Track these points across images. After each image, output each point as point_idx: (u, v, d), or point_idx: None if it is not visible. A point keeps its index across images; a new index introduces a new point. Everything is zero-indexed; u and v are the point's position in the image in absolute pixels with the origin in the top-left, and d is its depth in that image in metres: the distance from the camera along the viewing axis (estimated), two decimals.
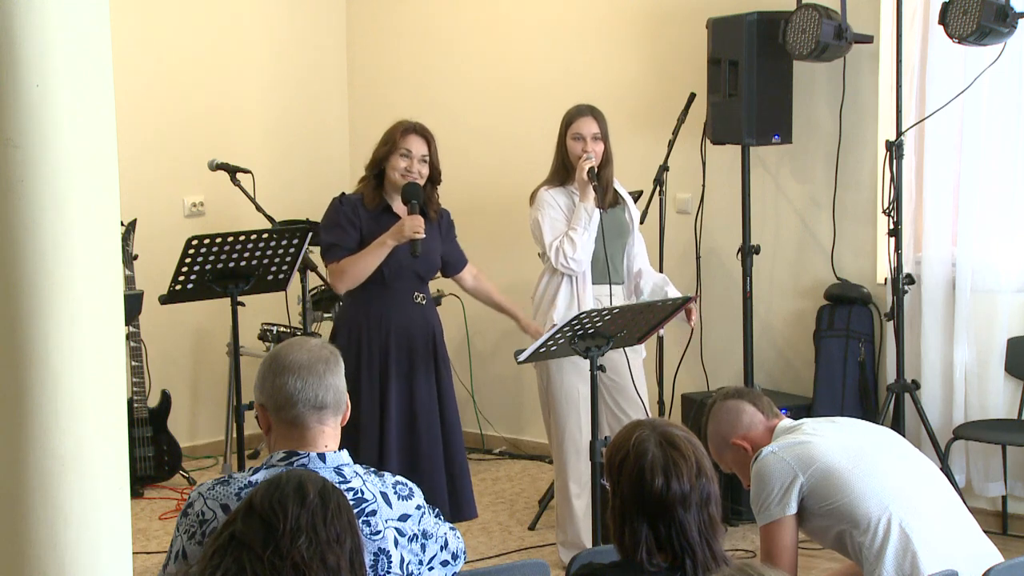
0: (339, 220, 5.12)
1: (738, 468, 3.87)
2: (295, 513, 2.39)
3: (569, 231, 5.32)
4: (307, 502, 2.41)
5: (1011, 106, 5.74)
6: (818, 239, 6.32)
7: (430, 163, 5.13)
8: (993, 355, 5.82)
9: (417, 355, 5.12)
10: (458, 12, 7.52)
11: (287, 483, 2.44)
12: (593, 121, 5.38)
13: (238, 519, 2.41)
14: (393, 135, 5.12)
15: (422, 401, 5.11)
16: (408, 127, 5.13)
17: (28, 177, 2.73)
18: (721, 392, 3.96)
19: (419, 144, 5.11)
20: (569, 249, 5.30)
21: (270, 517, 2.39)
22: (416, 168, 5.09)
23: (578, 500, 5.40)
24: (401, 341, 5.10)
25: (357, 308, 5.15)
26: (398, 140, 5.10)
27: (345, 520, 2.45)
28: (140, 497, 6.42)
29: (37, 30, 2.72)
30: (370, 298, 5.11)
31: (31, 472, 2.78)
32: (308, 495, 2.42)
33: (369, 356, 5.08)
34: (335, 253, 5.09)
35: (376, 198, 5.13)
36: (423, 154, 5.10)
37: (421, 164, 5.10)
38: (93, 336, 2.84)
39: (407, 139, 5.10)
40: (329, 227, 5.15)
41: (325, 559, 2.39)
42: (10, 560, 2.80)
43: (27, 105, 2.73)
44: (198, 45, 7.29)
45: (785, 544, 3.66)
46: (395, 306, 5.11)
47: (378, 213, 5.11)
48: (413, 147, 5.10)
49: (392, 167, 5.10)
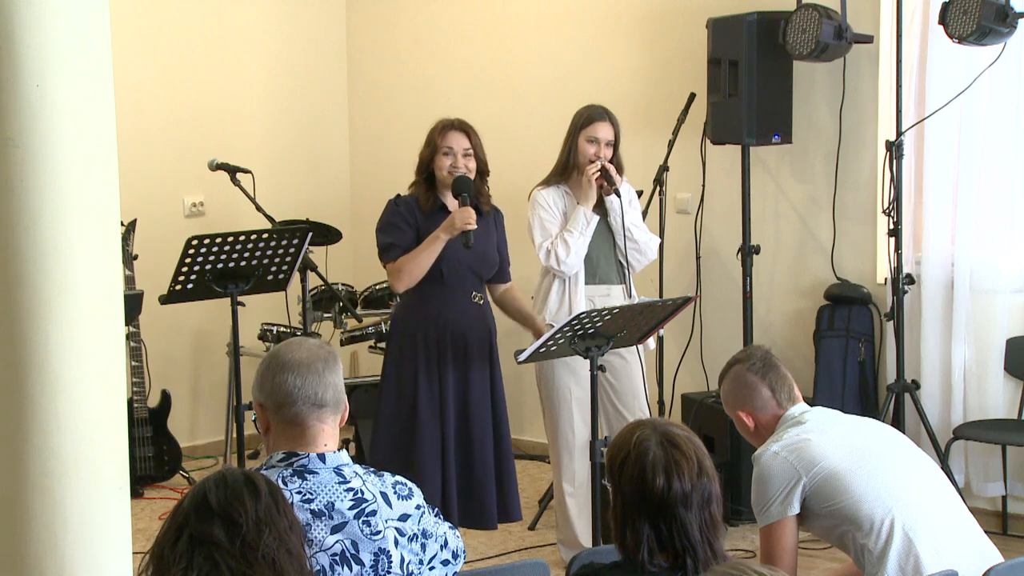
0: (395, 220, 5.11)
1: (740, 429, 3.92)
2: (253, 506, 2.40)
3: (564, 233, 5.31)
4: (261, 494, 2.42)
5: (1011, 106, 5.74)
6: (818, 239, 6.32)
7: (475, 156, 5.13)
8: (993, 355, 5.81)
9: (473, 355, 5.13)
10: (458, 12, 7.52)
11: (234, 479, 2.44)
12: (610, 127, 5.36)
13: (191, 521, 2.39)
14: (432, 136, 5.13)
15: (476, 400, 5.13)
16: (446, 124, 5.13)
17: (28, 177, 2.73)
18: (754, 353, 3.90)
19: (459, 139, 5.11)
20: (562, 252, 5.29)
21: (230, 513, 2.38)
22: (461, 163, 5.08)
23: (571, 499, 5.40)
24: (458, 340, 5.10)
25: (415, 307, 5.14)
26: (438, 140, 5.10)
27: (290, 507, 2.49)
28: (140, 497, 6.42)
29: (37, 30, 2.73)
30: (428, 297, 5.10)
31: (31, 472, 2.78)
32: (260, 487, 2.43)
33: (427, 353, 5.07)
34: (392, 253, 5.08)
35: (430, 199, 5.12)
36: (465, 148, 5.10)
37: (466, 159, 5.10)
38: (93, 336, 2.84)
39: (446, 136, 5.10)
40: (385, 228, 5.14)
41: (289, 547, 2.41)
42: (10, 560, 2.80)
43: (27, 105, 2.73)
44: (198, 45, 7.29)
45: (785, 545, 3.66)
46: (453, 305, 5.11)
47: (433, 212, 5.11)
48: (454, 143, 5.10)
49: (438, 167, 5.10)
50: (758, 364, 3.85)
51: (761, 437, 3.83)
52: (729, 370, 3.91)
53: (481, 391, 5.15)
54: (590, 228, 5.32)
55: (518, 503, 5.30)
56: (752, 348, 4.05)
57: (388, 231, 5.12)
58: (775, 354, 3.96)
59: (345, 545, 2.85)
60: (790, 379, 3.88)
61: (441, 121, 5.16)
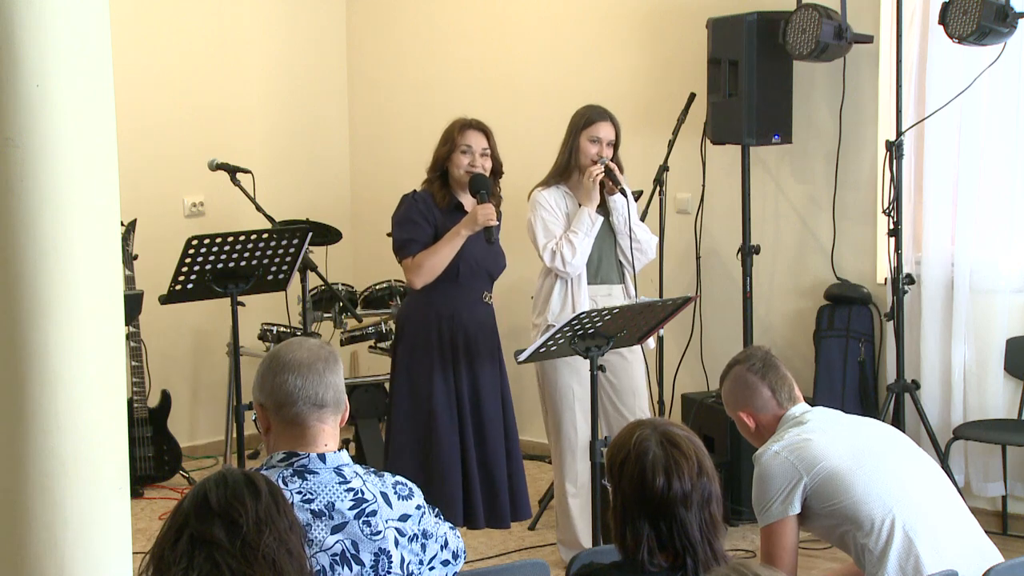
0: (413, 216, 5.11)
1: (741, 429, 3.93)
2: (253, 506, 2.40)
3: (569, 234, 5.30)
4: (261, 495, 2.42)
5: (1011, 106, 5.74)
6: (818, 239, 6.32)
7: (492, 156, 5.15)
8: (992, 355, 5.81)
9: (483, 354, 5.16)
10: (458, 12, 7.52)
11: (234, 480, 2.44)
12: (612, 127, 5.37)
13: (190, 521, 2.39)
14: (451, 133, 5.14)
15: (488, 399, 5.16)
16: (465, 123, 5.15)
17: (28, 177, 2.74)
18: (754, 354, 3.91)
19: (478, 138, 5.12)
20: (568, 253, 5.29)
21: (231, 513, 2.38)
22: (479, 163, 5.11)
23: (573, 500, 5.40)
24: (470, 339, 5.13)
25: (426, 305, 5.14)
26: (457, 138, 5.12)
27: (290, 507, 2.49)
28: (140, 497, 6.42)
29: (37, 30, 2.73)
30: (440, 295, 5.11)
31: (31, 472, 2.78)
32: (260, 487, 2.43)
33: (440, 351, 5.09)
34: (410, 248, 5.08)
35: (445, 196, 5.14)
36: (483, 147, 5.12)
37: (483, 158, 5.12)
38: (93, 336, 2.84)
39: (466, 135, 5.12)
40: (403, 223, 5.13)
41: (289, 548, 2.41)
42: (10, 560, 2.80)
43: (27, 105, 2.73)
44: (198, 45, 7.29)
45: (786, 545, 3.66)
46: (465, 304, 5.13)
47: (450, 210, 5.12)
48: (473, 142, 5.11)
49: (455, 165, 5.11)
50: (758, 365, 3.86)
51: (762, 437, 3.84)
52: (729, 371, 3.91)
53: (492, 390, 5.18)
54: (595, 229, 5.32)
55: (528, 501, 5.34)
56: (752, 349, 4.05)
57: (406, 227, 5.11)
58: (775, 354, 3.96)
59: (345, 545, 2.85)
60: (790, 379, 3.88)
61: (460, 120, 5.17)
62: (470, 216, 5.02)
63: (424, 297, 5.14)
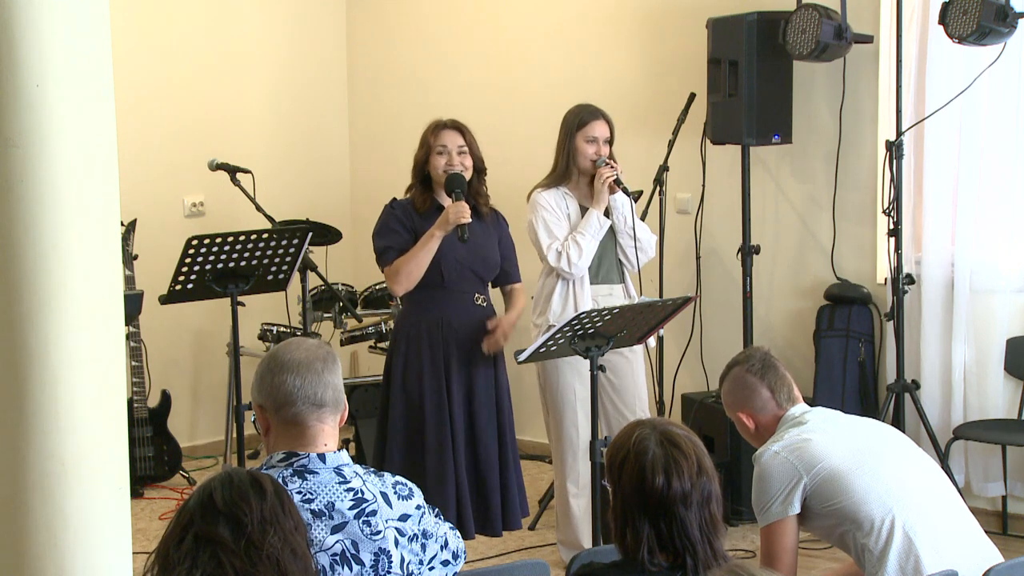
0: (391, 224, 5.09)
1: (740, 430, 3.94)
2: (258, 506, 2.40)
3: (576, 235, 5.30)
4: (266, 495, 2.42)
5: (1011, 106, 5.74)
6: (818, 239, 6.32)
7: (471, 153, 5.12)
8: (992, 355, 5.81)
9: (477, 358, 5.10)
10: (458, 13, 7.52)
11: (240, 479, 2.44)
12: (606, 125, 5.37)
13: (195, 520, 2.39)
14: (426, 137, 5.13)
15: (481, 404, 5.11)
16: (438, 124, 5.13)
17: (28, 177, 2.74)
18: (753, 354, 3.92)
19: (453, 137, 5.10)
20: (575, 254, 5.28)
21: (235, 512, 2.38)
22: (457, 161, 5.07)
23: (576, 500, 5.40)
24: (462, 343, 5.07)
25: (417, 311, 5.11)
26: (431, 140, 5.10)
27: (295, 507, 2.49)
28: (140, 497, 6.41)
29: (37, 30, 2.73)
30: (429, 301, 5.08)
31: (31, 473, 2.78)
32: (265, 488, 2.43)
33: (432, 357, 5.05)
34: (388, 256, 5.07)
35: (426, 200, 5.11)
36: (459, 145, 5.09)
37: (461, 156, 5.09)
38: (93, 336, 2.84)
39: (440, 136, 5.10)
40: (381, 232, 5.12)
41: (294, 548, 2.41)
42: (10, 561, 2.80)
43: (27, 105, 2.73)
44: (198, 45, 7.29)
45: (786, 545, 3.66)
46: (455, 308, 5.09)
47: (430, 213, 5.09)
48: (447, 141, 5.09)
49: (433, 167, 5.09)
50: (757, 365, 3.86)
51: (762, 438, 3.84)
52: (729, 372, 3.92)
53: (487, 396, 5.14)
54: (602, 232, 5.32)
55: (526, 507, 5.30)
56: (751, 349, 4.05)
57: (384, 235, 5.11)
58: (775, 354, 3.96)
59: (345, 545, 2.85)
60: (789, 379, 3.88)
61: (433, 122, 5.16)
62: (442, 217, 4.98)
63: (414, 304, 5.13)
